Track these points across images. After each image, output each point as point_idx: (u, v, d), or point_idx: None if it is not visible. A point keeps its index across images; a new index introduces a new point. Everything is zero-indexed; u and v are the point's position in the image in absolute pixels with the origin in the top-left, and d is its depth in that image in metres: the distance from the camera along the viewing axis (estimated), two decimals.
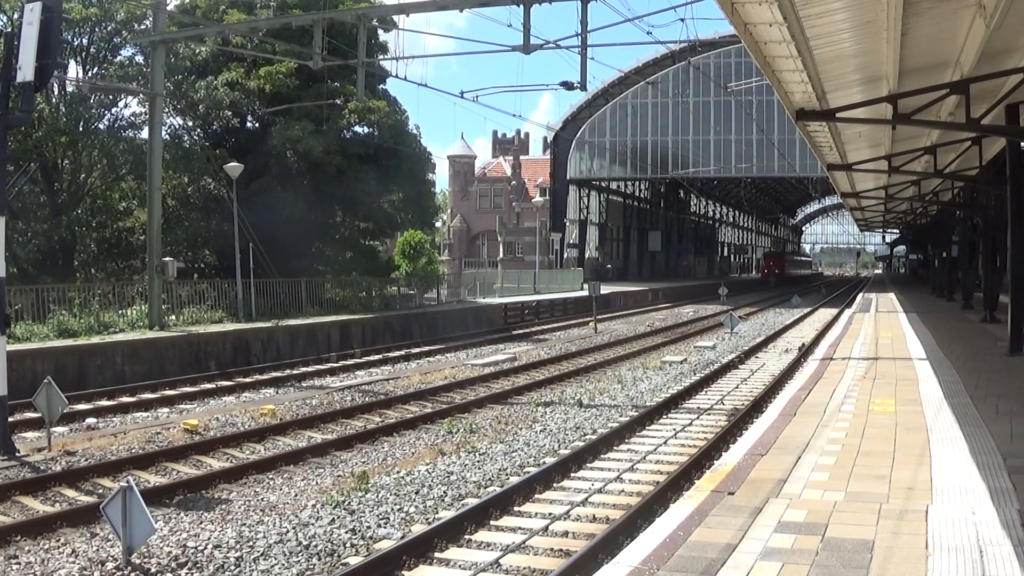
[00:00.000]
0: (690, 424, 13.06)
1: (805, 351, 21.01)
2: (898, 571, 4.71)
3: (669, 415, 13.88)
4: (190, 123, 30.84)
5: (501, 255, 72.16)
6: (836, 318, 31.25)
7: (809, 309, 40.45)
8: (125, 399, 15.80)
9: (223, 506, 9.15)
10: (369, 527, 8.29)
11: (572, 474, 10.14)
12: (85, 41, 27.64)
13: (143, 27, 26.39)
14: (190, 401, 15.89)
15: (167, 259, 22.24)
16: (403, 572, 7.18)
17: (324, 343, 23.63)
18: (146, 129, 23.99)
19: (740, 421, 12.49)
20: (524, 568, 7.13)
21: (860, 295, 43.56)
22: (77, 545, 7.91)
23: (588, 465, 10.59)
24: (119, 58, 28.51)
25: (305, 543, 7.83)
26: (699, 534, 5.43)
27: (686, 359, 21.32)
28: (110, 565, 7.34)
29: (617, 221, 68.84)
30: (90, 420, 13.81)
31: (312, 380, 18.66)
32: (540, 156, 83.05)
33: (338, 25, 25.57)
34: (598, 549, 7.16)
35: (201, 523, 8.53)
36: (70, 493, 9.77)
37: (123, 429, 13.27)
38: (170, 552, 7.64)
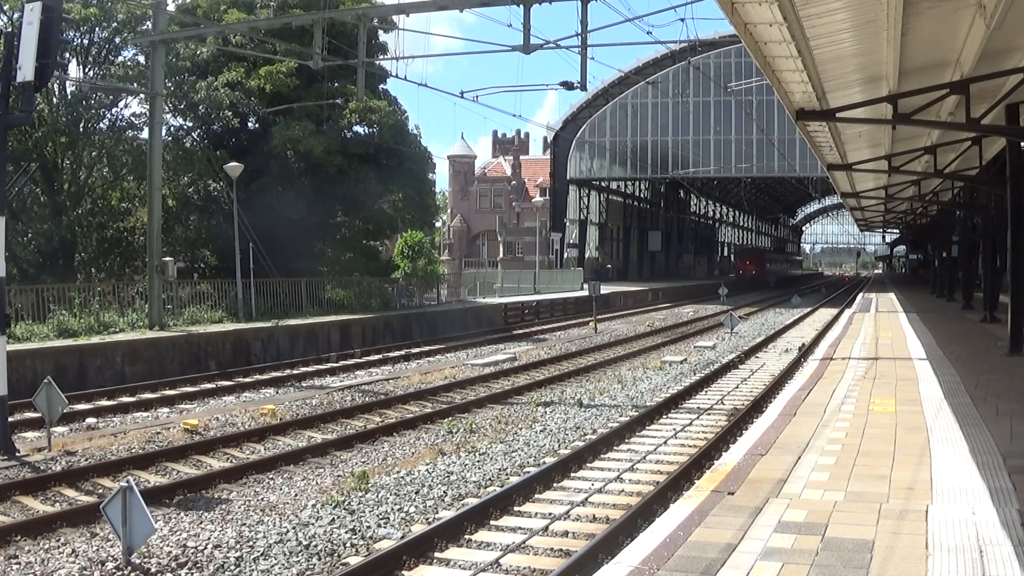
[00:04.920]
0: (690, 424, 13.06)
1: (805, 351, 21.01)
2: (898, 571, 4.71)
3: (669, 415, 13.88)
4: (190, 123, 30.84)
5: (501, 255, 72.18)
6: (836, 318, 31.26)
7: (809, 309, 40.45)
8: (125, 399, 15.80)
9: (223, 506, 9.15)
10: (369, 527, 8.29)
11: (572, 474, 10.14)
12: (86, 41, 27.66)
13: (144, 27, 26.39)
14: (190, 401, 15.88)
15: (167, 259, 22.26)
16: (403, 572, 7.18)
17: (324, 343, 23.63)
18: (146, 129, 23.98)
19: (740, 421, 12.49)
20: (524, 568, 7.13)
21: (860, 295, 43.57)
22: (77, 545, 7.91)
23: (588, 465, 10.59)
24: (120, 59, 28.55)
25: (305, 543, 7.83)
26: (699, 534, 5.43)
27: (686, 359, 21.32)
28: (110, 565, 7.34)
29: (617, 221, 68.81)
30: (90, 420, 13.81)
31: (312, 380, 18.66)
32: (540, 156, 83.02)
33: (338, 25, 25.56)
34: (598, 549, 7.16)
35: (201, 523, 8.53)
36: (70, 493, 9.77)
37: (123, 429, 13.27)
38: (170, 552, 7.63)
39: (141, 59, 27.32)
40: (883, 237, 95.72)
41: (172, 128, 29.91)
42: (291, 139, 28.54)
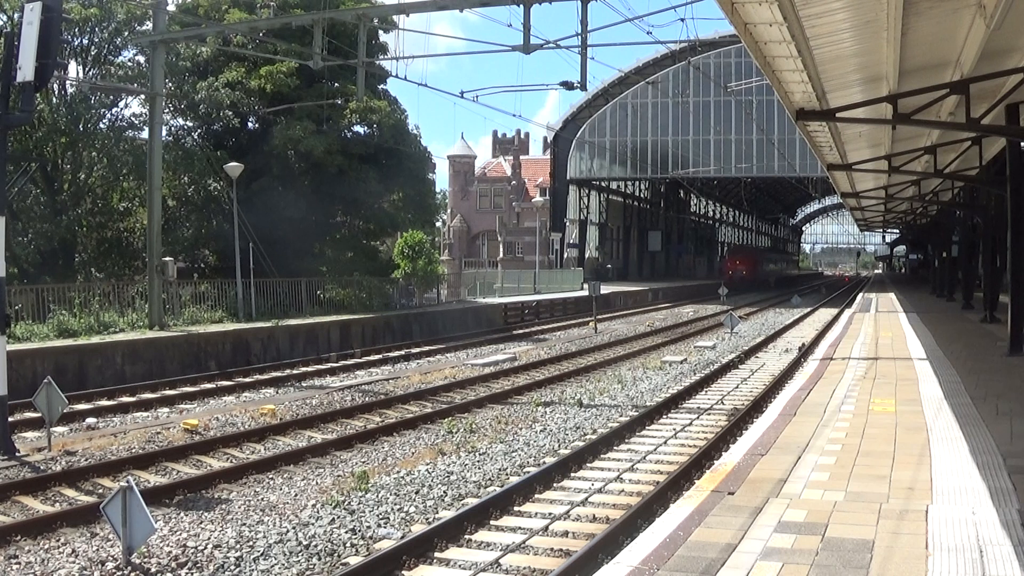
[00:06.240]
0: (690, 424, 13.06)
1: (805, 351, 21.00)
2: (898, 571, 4.71)
3: (669, 415, 13.88)
4: (191, 123, 30.87)
5: (501, 255, 72.18)
6: (836, 318, 31.25)
7: (809, 309, 40.45)
8: (125, 399, 15.80)
9: (223, 506, 9.15)
10: (369, 527, 8.29)
11: (572, 474, 10.14)
12: (86, 41, 27.67)
13: (144, 27, 26.41)
14: (190, 401, 15.88)
15: (167, 259, 22.25)
16: (403, 572, 7.18)
17: (324, 343, 23.63)
18: (146, 129, 24.00)
19: (740, 421, 12.49)
20: (524, 568, 7.13)
21: (860, 295, 43.57)
22: (77, 545, 7.91)
23: (588, 465, 10.59)
24: (120, 59, 28.59)
25: (305, 543, 7.83)
26: (699, 534, 5.43)
27: (686, 359, 21.32)
28: (110, 565, 7.34)
29: (617, 221, 68.82)
30: (90, 420, 13.81)
31: (312, 380, 18.65)
32: (540, 156, 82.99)
33: (338, 25, 25.57)
34: (598, 549, 7.16)
35: (201, 523, 8.53)
36: (70, 493, 9.77)
37: (123, 429, 13.27)
38: (170, 552, 7.64)
39: (141, 59, 27.37)
40: (883, 237, 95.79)
41: (172, 128, 29.97)
42: (291, 139, 28.55)
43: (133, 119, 28.60)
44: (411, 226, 32.16)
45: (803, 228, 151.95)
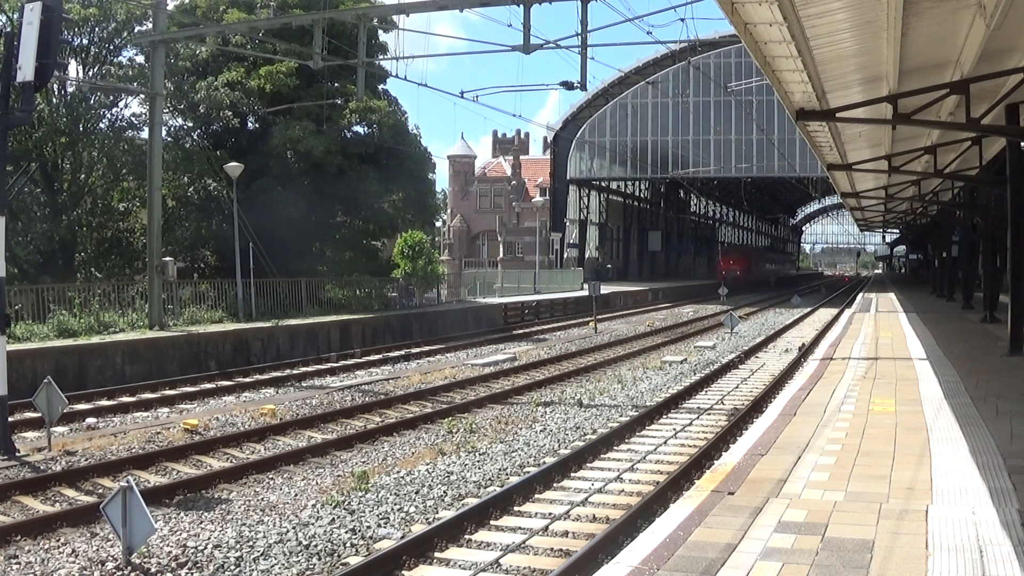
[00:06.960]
0: (690, 424, 13.06)
1: (805, 351, 21.01)
2: (898, 571, 4.71)
3: (669, 415, 13.88)
4: (190, 123, 30.87)
5: (501, 255, 72.20)
6: (836, 318, 31.25)
7: (809, 309, 40.45)
8: (125, 399, 15.80)
9: (223, 506, 9.15)
10: (369, 527, 8.29)
11: (572, 474, 10.14)
12: (85, 41, 27.68)
13: (144, 27, 26.43)
14: (190, 401, 15.88)
15: (167, 259, 22.26)
16: (403, 572, 7.18)
17: (324, 343, 23.63)
18: (146, 129, 24.00)
19: (740, 421, 12.49)
20: (524, 568, 7.13)
21: (860, 295, 43.58)
22: (77, 545, 7.91)
23: (588, 465, 10.59)
24: (120, 59, 28.61)
25: (305, 543, 7.83)
26: (699, 534, 5.43)
27: (686, 359, 21.32)
28: (110, 565, 7.34)
29: (617, 221, 68.81)
30: (90, 420, 13.80)
31: (312, 380, 18.65)
32: (540, 156, 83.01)
33: (338, 25, 25.58)
34: (598, 549, 7.16)
35: (201, 523, 8.53)
36: (70, 493, 9.77)
37: (123, 429, 13.27)
38: (170, 552, 7.64)
39: (141, 59, 27.38)
40: (883, 237, 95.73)
41: (172, 128, 29.97)
42: (291, 139, 28.56)
43: (133, 119, 28.67)
44: (411, 226, 32.15)
45: (803, 228, 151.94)
